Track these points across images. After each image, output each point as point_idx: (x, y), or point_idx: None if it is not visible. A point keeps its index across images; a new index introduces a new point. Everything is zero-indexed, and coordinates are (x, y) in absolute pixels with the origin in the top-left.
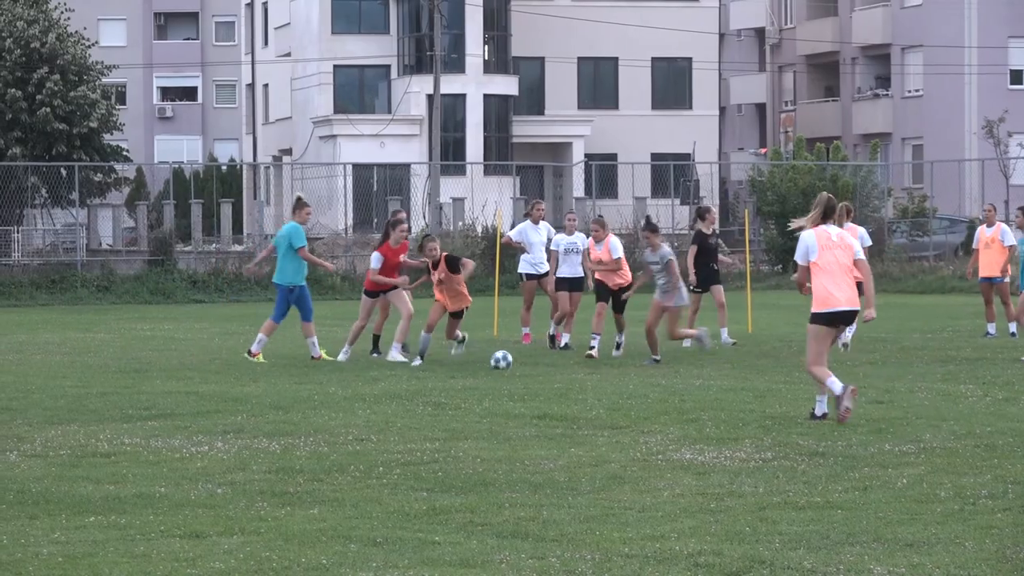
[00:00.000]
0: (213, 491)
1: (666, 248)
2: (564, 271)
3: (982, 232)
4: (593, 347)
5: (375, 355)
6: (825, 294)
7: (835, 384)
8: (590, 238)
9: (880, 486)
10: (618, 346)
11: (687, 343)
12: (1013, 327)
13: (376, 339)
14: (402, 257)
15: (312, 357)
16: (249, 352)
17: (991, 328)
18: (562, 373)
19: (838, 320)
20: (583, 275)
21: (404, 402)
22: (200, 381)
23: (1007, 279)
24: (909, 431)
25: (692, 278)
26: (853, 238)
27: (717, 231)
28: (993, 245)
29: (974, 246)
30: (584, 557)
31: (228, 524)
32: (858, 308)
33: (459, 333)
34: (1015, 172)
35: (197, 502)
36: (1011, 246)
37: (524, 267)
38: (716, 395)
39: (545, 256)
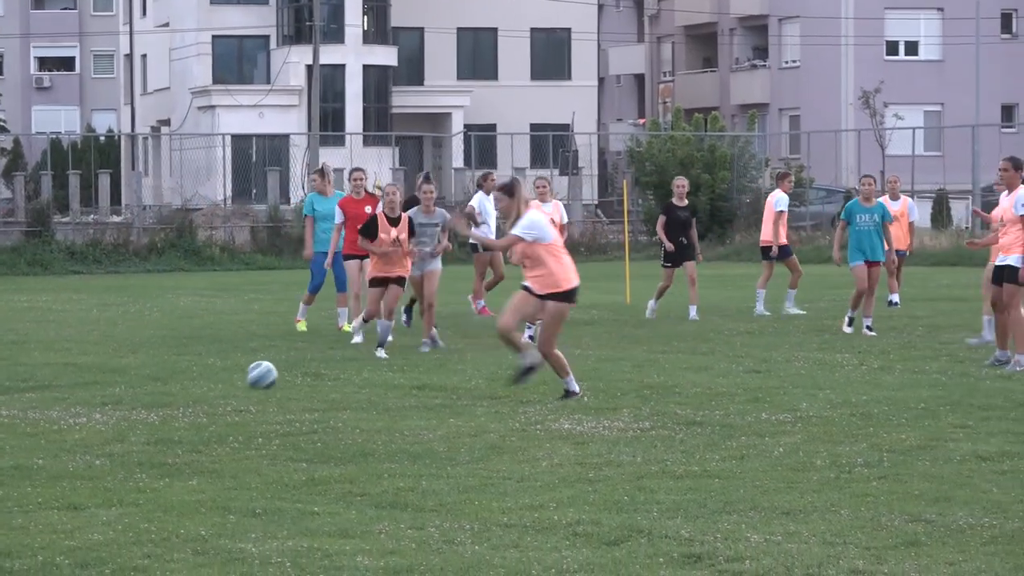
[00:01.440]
0: (91, 463)
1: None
2: None
3: (888, 205)
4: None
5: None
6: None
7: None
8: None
9: (757, 455)
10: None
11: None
12: (895, 297)
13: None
14: (368, 209)
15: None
16: (340, 328)
17: (894, 297)
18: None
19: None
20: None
21: (283, 373)
22: (78, 352)
23: (908, 253)
24: (786, 400)
25: (668, 246)
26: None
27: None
28: (901, 219)
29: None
30: (463, 527)
31: (107, 496)
32: None
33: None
34: (891, 143)
35: (75, 474)
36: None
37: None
38: (594, 365)
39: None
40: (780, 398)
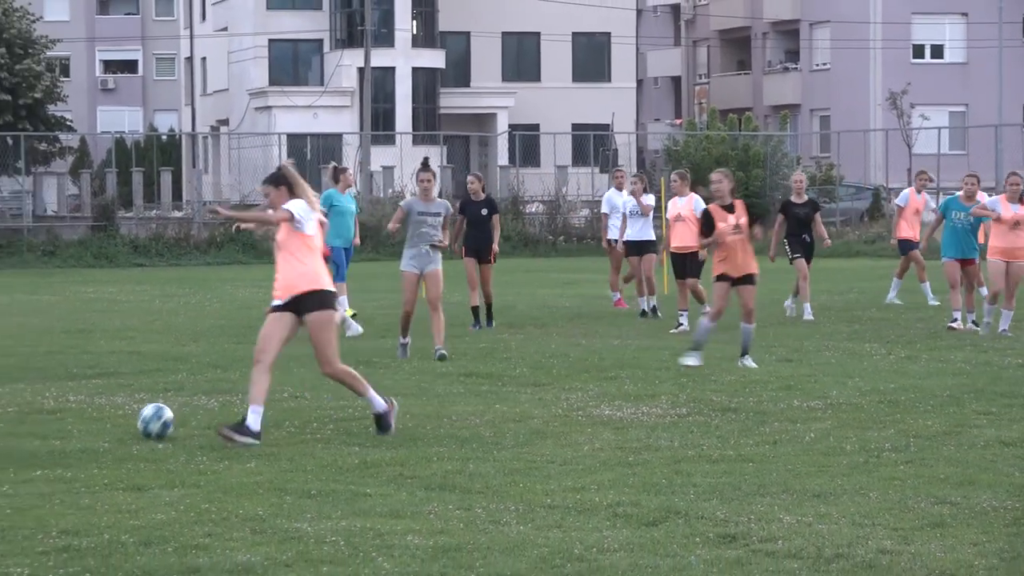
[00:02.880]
0: (154, 446)
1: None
2: (631, 234)
3: (912, 197)
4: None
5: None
6: None
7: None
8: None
9: (789, 440)
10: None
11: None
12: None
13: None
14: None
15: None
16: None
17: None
18: (487, 334)
19: None
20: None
21: None
22: (142, 341)
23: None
24: (817, 388)
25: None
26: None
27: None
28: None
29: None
30: (508, 508)
31: (169, 477)
32: None
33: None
34: (917, 142)
35: (139, 456)
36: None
37: (611, 233)
38: (633, 354)
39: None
40: (811, 386)
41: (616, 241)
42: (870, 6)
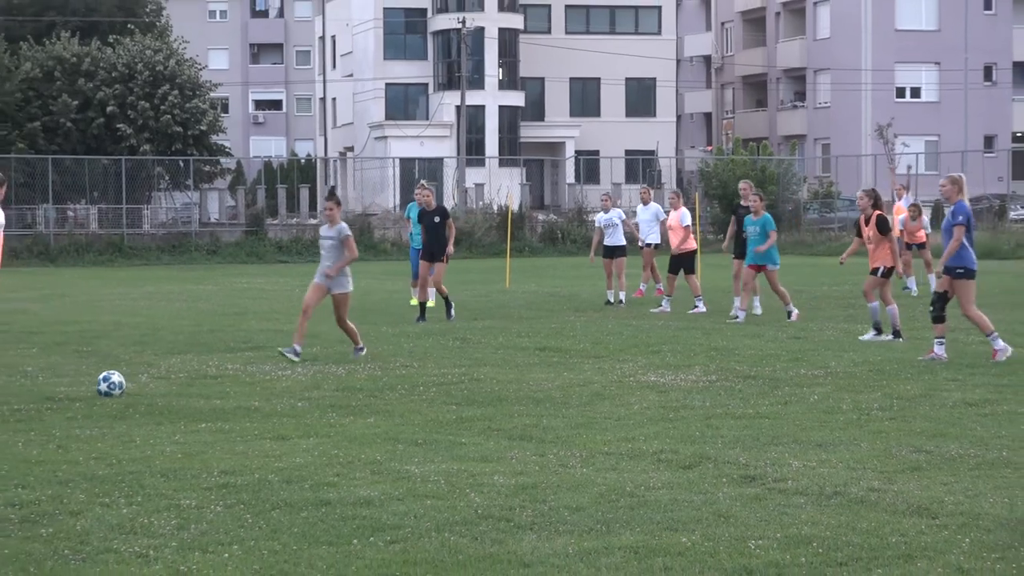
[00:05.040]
0: (294, 404)
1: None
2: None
3: (898, 205)
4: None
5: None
6: None
7: None
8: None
9: (797, 401)
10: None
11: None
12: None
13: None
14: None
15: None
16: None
17: (911, 283)
18: (557, 317)
19: None
20: (622, 244)
21: (438, 338)
22: (284, 321)
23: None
24: (819, 359)
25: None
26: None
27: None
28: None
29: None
30: (574, 454)
31: (306, 429)
32: None
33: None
34: (899, 164)
35: (282, 413)
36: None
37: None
38: (673, 333)
39: (649, 229)
40: (815, 358)
41: (648, 245)
42: (862, 57)
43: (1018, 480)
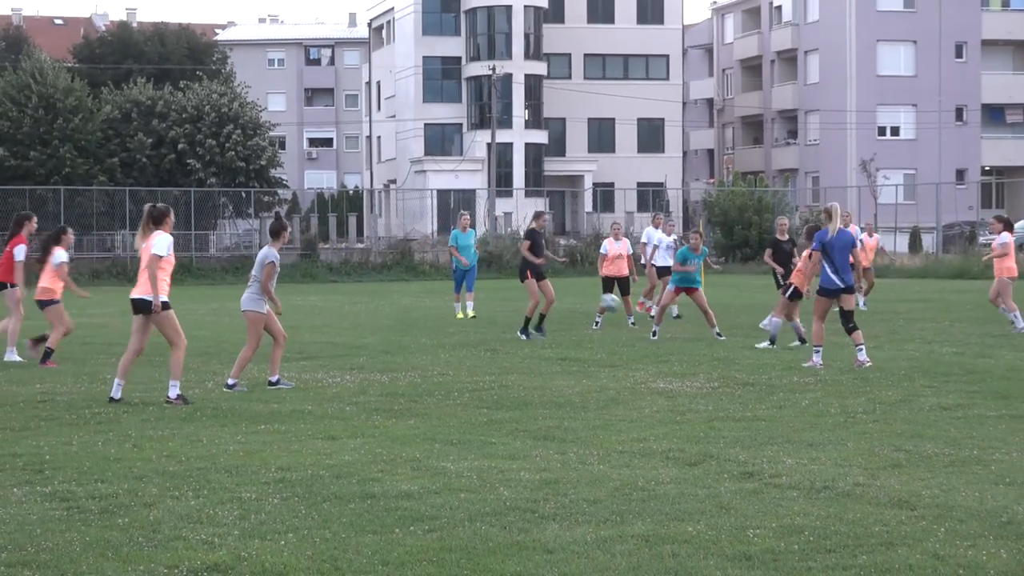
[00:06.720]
0: (343, 408)
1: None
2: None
3: (867, 240)
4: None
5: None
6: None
7: None
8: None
9: (790, 405)
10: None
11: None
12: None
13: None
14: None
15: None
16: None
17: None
18: (576, 331)
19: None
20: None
21: (471, 349)
22: (334, 334)
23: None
24: (810, 368)
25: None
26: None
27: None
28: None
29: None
30: (592, 453)
31: (353, 430)
32: None
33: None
34: (881, 195)
35: (332, 415)
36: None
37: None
38: (680, 345)
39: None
40: (805, 367)
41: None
42: (847, 99)
43: (987, 476)
